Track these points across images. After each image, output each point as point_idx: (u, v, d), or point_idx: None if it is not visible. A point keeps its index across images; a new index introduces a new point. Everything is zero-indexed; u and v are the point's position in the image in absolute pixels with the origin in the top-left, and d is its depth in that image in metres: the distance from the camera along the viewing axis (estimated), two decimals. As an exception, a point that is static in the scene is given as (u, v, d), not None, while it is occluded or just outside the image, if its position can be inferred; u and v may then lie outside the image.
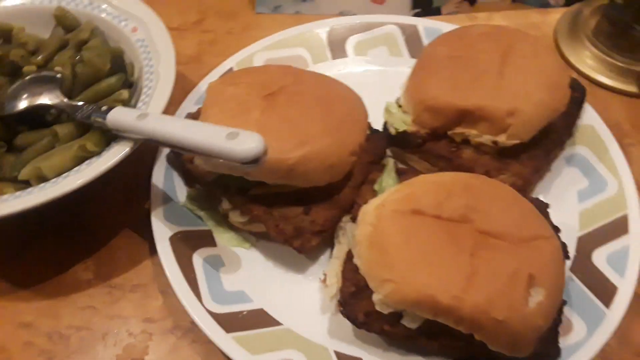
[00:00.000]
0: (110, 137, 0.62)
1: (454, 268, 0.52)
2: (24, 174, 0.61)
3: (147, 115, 0.58)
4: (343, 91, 0.68)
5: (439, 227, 0.55)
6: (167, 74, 0.67)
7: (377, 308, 0.55)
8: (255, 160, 0.50)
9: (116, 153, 0.60)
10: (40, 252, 0.69)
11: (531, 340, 0.53)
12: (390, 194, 0.59)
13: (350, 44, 0.85)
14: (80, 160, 0.62)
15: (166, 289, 0.63)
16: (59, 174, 0.60)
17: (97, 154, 0.62)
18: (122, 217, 0.71)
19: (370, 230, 0.56)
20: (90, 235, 0.70)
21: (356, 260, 0.57)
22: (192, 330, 0.62)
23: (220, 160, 0.54)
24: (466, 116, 0.65)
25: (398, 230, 0.55)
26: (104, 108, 0.61)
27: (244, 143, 0.50)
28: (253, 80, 0.67)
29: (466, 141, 0.67)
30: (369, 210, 0.59)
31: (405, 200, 0.57)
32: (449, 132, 0.67)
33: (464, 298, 0.51)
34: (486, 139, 0.66)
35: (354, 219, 0.62)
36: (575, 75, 0.87)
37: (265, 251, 0.67)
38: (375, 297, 0.55)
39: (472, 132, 0.66)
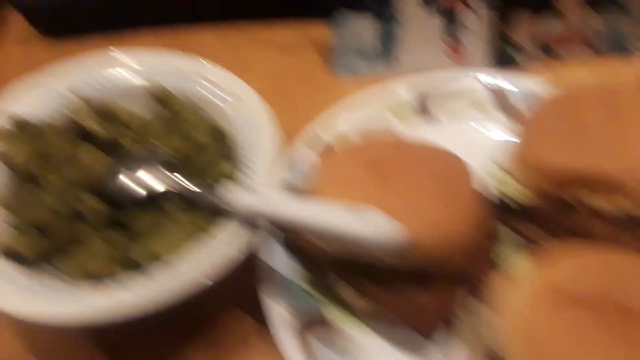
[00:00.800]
0: (221, 215, 0.62)
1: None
2: (137, 254, 0.61)
3: (263, 194, 0.57)
4: (450, 158, 0.67)
5: (596, 320, 0.50)
6: (269, 148, 0.67)
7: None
8: (395, 244, 0.49)
9: (235, 235, 0.59)
10: (150, 335, 0.67)
11: None
12: (530, 279, 0.55)
13: (433, 103, 0.84)
14: (193, 239, 0.61)
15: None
16: (173, 255, 0.60)
17: (210, 233, 0.61)
18: (235, 296, 0.68)
19: (519, 324, 0.52)
20: (201, 316, 0.68)
21: (499, 353, 0.53)
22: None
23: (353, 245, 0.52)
24: (587, 181, 0.62)
25: (552, 325, 0.50)
26: (216, 186, 0.61)
27: (382, 227, 0.49)
28: (359, 153, 0.66)
29: (588, 208, 0.63)
30: (511, 299, 0.54)
31: (558, 286, 0.53)
32: (567, 198, 0.64)
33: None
34: (611, 206, 0.62)
35: (474, 295, 0.60)
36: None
37: (383, 333, 0.64)
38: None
39: (594, 199, 0.62)
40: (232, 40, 1.03)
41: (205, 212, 0.62)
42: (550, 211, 0.66)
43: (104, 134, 0.69)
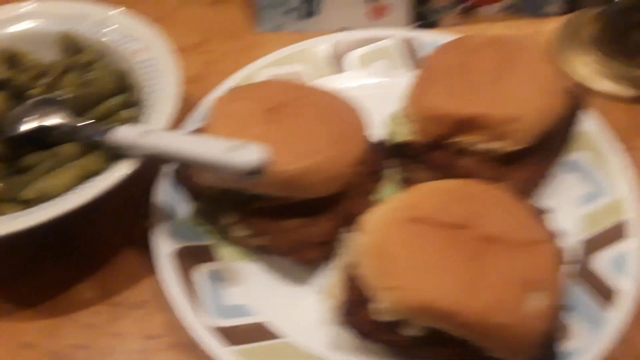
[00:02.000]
0: (113, 155, 0.63)
1: (455, 274, 0.52)
2: (26, 194, 0.62)
3: (149, 131, 0.59)
4: (343, 104, 0.69)
5: (440, 234, 0.54)
6: (170, 92, 0.68)
7: (379, 317, 0.55)
8: (256, 172, 0.51)
9: (118, 171, 0.61)
10: (43, 272, 0.69)
11: (531, 343, 0.52)
12: (392, 202, 0.59)
13: (350, 59, 0.86)
14: (83, 179, 0.62)
15: (166, 306, 0.62)
16: (61, 193, 0.61)
17: (100, 172, 0.62)
18: (125, 235, 0.71)
19: (372, 239, 0.56)
20: (93, 254, 0.70)
21: (358, 270, 0.57)
22: (193, 347, 0.61)
23: (222, 173, 0.55)
24: (467, 124, 0.65)
25: (400, 238, 0.55)
26: (106, 127, 0.62)
27: (247, 154, 0.51)
28: (256, 95, 0.68)
29: (467, 149, 0.67)
30: (372, 219, 0.58)
31: (406, 208, 0.57)
32: (451, 141, 0.67)
33: (464, 303, 0.50)
34: (487, 146, 0.65)
35: (354, 229, 0.62)
36: (573, 83, 0.87)
37: (268, 264, 0.67)
38: (378, 306, 0.54)
39: (472, 140, 0.66)
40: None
41: (99, 154, 0.63)
42: (438, 153, 0.68)
43: (4, 75, 0.70)
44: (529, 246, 0.55)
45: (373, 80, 0.85)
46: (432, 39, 0.85)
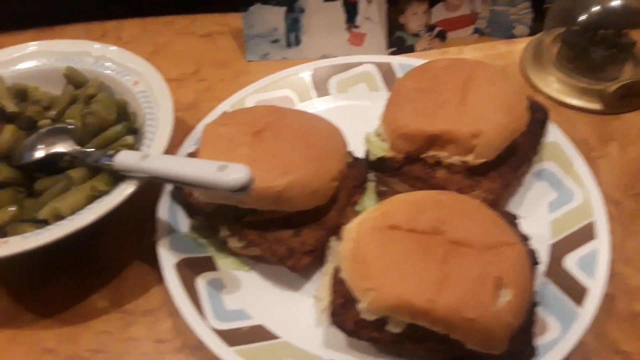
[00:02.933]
0: (118, 177, 0.70)
1: (427, 274, 0.59)
2: (42, 213, 0.69)
3: (148, 155, 0.66)
4: (322, 125, 0.76)
5: (413, 239, 0.61)
6: (166, 119, 0.75)
7: (363, 316, 0.61)
8: (243, 189, 0.58)
9: (123, 191, 0.68)
10: (60, 284, 0.76)
11: (503, 337, 0.59)
12: (369, 213, 0.66)
13: (332, 83, 0.94)
14: (92, 199, 0.69)
15: (174, 312, 0.69)
16: (74, 212, 0.68)
17: (107, 192, 0.69)
18: (133, 250, 0.78)
19: (352, 245, 0.63)
20: (104, 267, 0.77)
21: (342, 274, 0.64)
22: (199, 348, 0.68)
23: (214, 191, 0.61)
24: (435, 140, 0.73)
25: (376, 244, 0.62)
26: (111, 152, 0.69)
27: (233, 174, 0.58)
28: (242, 120, 0.75)
29: (439, 162, 0.75)
30: (351, 228, 0.65)
31: (382, 217, 0.64)
32: (423, 156, 0.75)
33: (436, 300, 0.57)
34: (455, 159, 0.73)
35: (339, 238, 0.69)
36: (542, 98, 0.95)
37: (263, 272, 0.74)
38: (360, 306, 0.61)
39: (442, 154, 0.73)
40: (154, 31, 1.12)
41: (105, 177, 0.70)
42: (412, 167, 0.76)
43: (14, 109, 0.77)
44: (495, 248, 0.61)
45: (354, 102, 0.92)
46: (406, 62, 0.93)
